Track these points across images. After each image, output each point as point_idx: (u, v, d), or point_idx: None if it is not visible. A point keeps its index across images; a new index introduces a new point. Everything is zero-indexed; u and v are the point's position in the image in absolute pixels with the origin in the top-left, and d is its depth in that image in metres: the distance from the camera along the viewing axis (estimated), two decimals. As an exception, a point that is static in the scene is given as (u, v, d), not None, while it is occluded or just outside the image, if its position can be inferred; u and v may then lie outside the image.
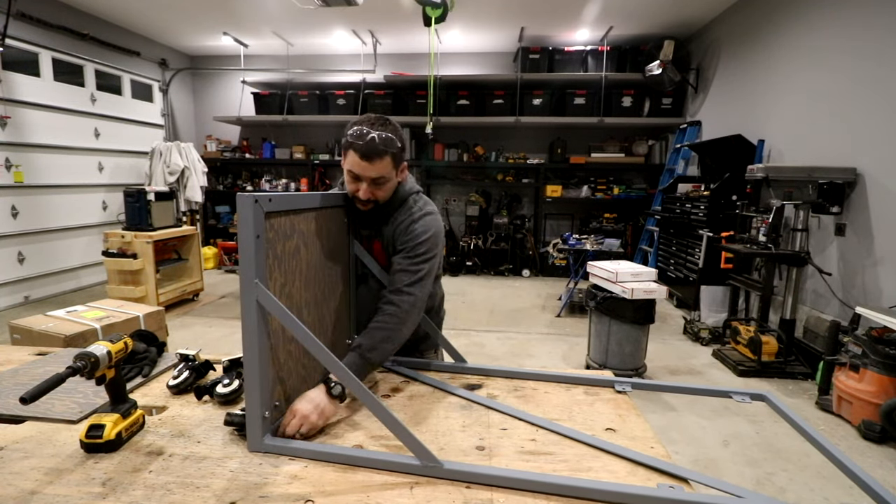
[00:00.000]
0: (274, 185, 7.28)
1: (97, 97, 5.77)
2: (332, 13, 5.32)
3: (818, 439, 0.99)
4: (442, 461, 0.89)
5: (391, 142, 1.30)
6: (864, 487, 0.86)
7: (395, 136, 1.32)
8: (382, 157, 1.29)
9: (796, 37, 4.01)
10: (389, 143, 1.30)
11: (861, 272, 3.25)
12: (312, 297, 1.17)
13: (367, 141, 1.26)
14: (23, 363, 1.38)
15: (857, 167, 3.27)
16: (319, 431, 1.04)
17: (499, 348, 4.00)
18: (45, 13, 5.00)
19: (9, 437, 1.00)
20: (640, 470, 0.91)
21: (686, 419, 2.81)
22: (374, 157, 1.27)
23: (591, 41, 6.33)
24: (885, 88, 3.10)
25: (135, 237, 4.44)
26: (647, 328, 3.34)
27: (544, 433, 1.04)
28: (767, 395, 1.19)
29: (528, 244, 6.97)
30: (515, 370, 1.33)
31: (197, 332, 4.32)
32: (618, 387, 1.25)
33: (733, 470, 2.32)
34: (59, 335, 2.44)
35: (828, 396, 2.92)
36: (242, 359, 0.95)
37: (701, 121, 5.72)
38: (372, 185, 1.33)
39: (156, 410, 1.13)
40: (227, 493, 0.83)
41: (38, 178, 5.05)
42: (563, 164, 6.79)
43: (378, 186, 1.34)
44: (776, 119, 4.22)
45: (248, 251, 0.91)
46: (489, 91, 6.50)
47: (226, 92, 7.49)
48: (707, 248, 4.34)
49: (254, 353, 0.93)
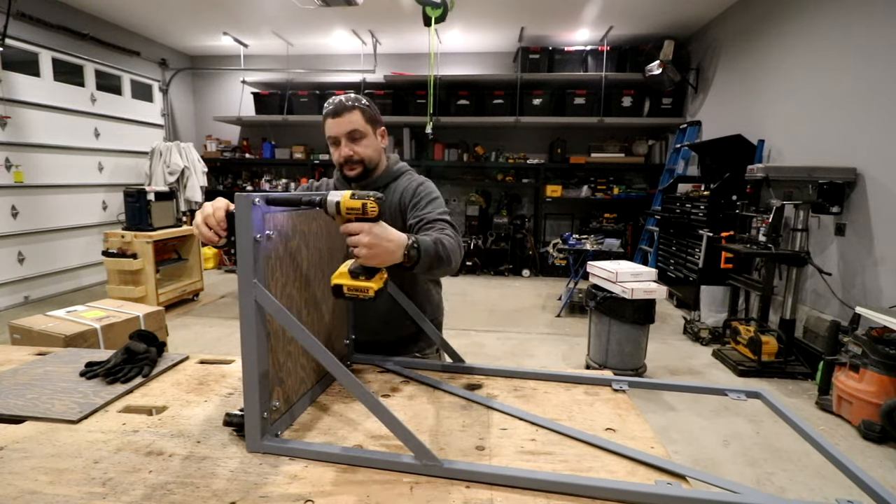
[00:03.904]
0: (274, 185, 7.28)
1: (97, 97, 5.77)
2: (332, 13, 5.33)
3: (813, 436, 0.99)
4: (442, 461, 0.89)
5: (358, 99, 1.40)
6: (862, 487, 0.86)
7: (364, 98, 1.42)
8: (351, 110, 1.38)
9: (796, 37, 4.01)
10: (357, 101, 1.39)
11: (861, 272, 3.25)
12: (312, 297, 1.17)
13: (336, 102, 1.39)
14: (23, 363, 1.38)
15: (857, 167, 3.27)
16: (319, 431, 1.04)
17: (499, 348, 4.00)
18: (45, 13, 5.01)
19: (9, 437, 1.00)
20: (640, 469, 0.91)
21: (686, 419, 2.81)
22: (344, 112, 1.37)
23: (591, 41, 6.33)
24: (886, 88, 3.10)
25: (135, 237, 4.44)
26: (647, 328, 3.34)
27: (544, 433, 1.04)
28: (762, 393, 1.19)
29: (528, 244, 6.97)
30: (515, 370, 1.33)
31: (197, 332, 4.32)
32: (615, 385, 1.25)
33: (733, 470, 2.32)
34: (59, 335, 2.44)
35: (828, 396, 2.92)
36: (241, 359, 0.95)
37: (701, 121, 5.72)
38: (349, 141, 1.40)
39: (156, 410, 1.13)
40: (227, 493, 0.83)
41: (38, 178, 5.06)
42: (563, 164, 6.79)
43: (355, 142, 1.40)
44: (776, 119, 4.22)
45: (247, 251, 0.91)
46: (489, 91, 6.50)
47: (226, 92, 7.49)
48: (707, 248, 4.34)
49: (252, 354, 0.93)
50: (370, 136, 1.43)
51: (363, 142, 1.41)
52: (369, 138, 1.42)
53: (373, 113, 1.43)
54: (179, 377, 1.32)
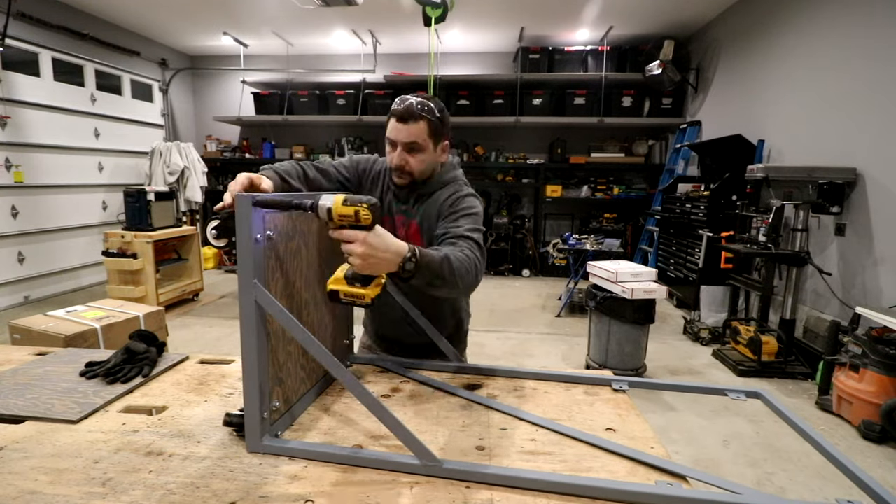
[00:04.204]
0: (274, 185, 7.27)
1: (97, 97, 5.77)
2: (332, 13, 5.33)
3: (813, 436, 0.99)
4: (442, 461, 0.89)
5: (430, 109, 1.30)
6: (862, 487, 0.86)
7: (435, 107, 1.32)
8: (417, 120, 1.29)
9: (796, 37, 4.01)
10: (427, 110, 1.30)
11: (861, 272, 3.25)
12: (312, 297, 1.17)
13: (405, 104, 1.29)
14: (23, 363, 1.38)
15: (857, 167, 3.27)
16: (319, 432, 1.04)
17: (499, 348, 4.00)
18: (45, 13, 5.01)
19: (9, 437, 1.00)
20: (641, 469, 0.91)
21: (686, 419, 2.81)
22: (409, 119, 1.28)
23: (591, 41, 6.33)
24: (885, 88, 3.10)
25: (135, 237, 4.44)
26: (647, 328, 3.34)
27: (544, 433, 1.04)
28: (762, 393, 1.20)
29: (528, 244, 6.97)
30: (515, 370, 1.33)
31: (197, 332, 4.32)
32: (615, 385, 1.25)
33: (734, 470, 2.32)
34: (59, 335, 2.44)
35: (828, 396, 2.92)
36: (241, 359, 0.95)
37: (701, 121, 5.72)
38: (405, 150, 1.32)
39: (156, 410, 1.13)
40: (227, 493, 0.83)
41: (38, 178, 5.06)
42: (563, 164, 6.79)
43: (411, 153, 1.32)
44: (776, 119, 4.22)
45: (246, 251, 0.91)
46: (489, 91, 6.50)
47: (226, 92, 7.50)
48: (707, 248, 4.34)
49: (252, 354, 0.93)
50: (429, 150, 1.34)
51: (419, 155, 1.33)
52: (427, 152, 1.34)
53: (440, 125, 1.34)
54: (179, 377, 1.32)
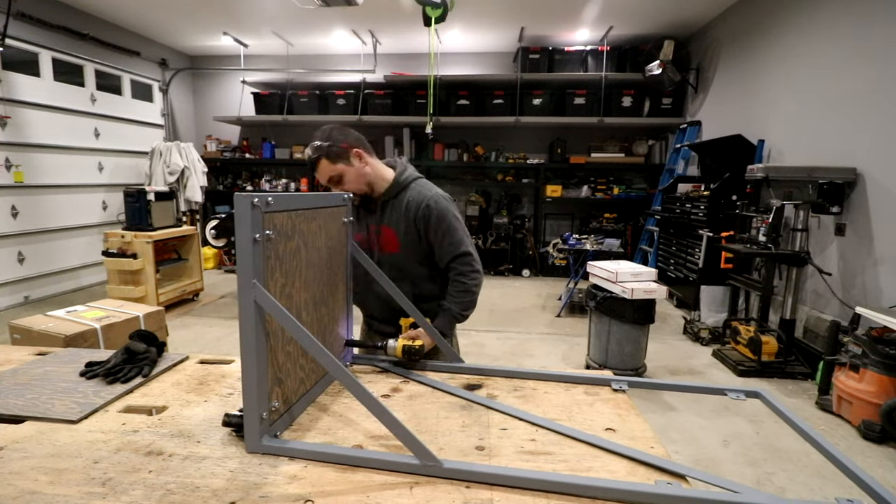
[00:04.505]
0: (274, 185, 7.28)
1: (97, 97, 5.77)
2: (332, 13, 5.33)
3: (813, 436, 0.99)
4: (442, 461, 0.89)
5: (318, 147, 1.47)
6: (863, 486, 0.86)
7: (322, 140, 1.47)
8: (317, 163, 1.48)
9: (796, 37, 4.01)
10: (316, 149, 1.47)
11: (861, 272, 3.25)
12: (311, 297, 1.17)
13: (308, 158, 1.50)
14: (23, 363, 1.38)
15: (857, 167, 3.27)
16: (319, 432, 1.04)
17: (499, 348, 4.00)
18: (45, 13, 5.01)
19: (9, 437, 1.00)
20: (640, 469, 0.91)
21: (686, 419, 2.81)
22: (314, 166, 1.49)
23: (591, 41, 6.33)
24: (885, 88, 3.10)
25: (135, 237, 4.44)
26: (647, 328, 3.34)
27: (544, 433, 1.04)
28: (762, 393, 1.20)
29: (528, 244, 6.97)
30: (515, 370, 1.33)
31: (197, 332, 4.32)
32: (615, 385, 1.25)
33: (733, 470, 2.32)
34: (59, 335, 2.44)
35: (828, 396, 2.92)
36: (240, 359, 0.95)
37: (701, 121, 5.72)
38: (334, 185, 1.50)
39: (156, 410, 1.13)
40: (227, 493, 0.83)
41: (38, 178, 5.06)
42: (563, 164, 6.79)
43: (339, 185, 1.50)
44: (776, 119, 4.22)
45: (246, 251, 0.91)
46: (489, 91, 6.50)
47: (226, 92, 7.49)
48: (707, 248, 4.34)
49: (252, 354, 0.93)
50: (347, 172, 1.49)
51: (344, 179, 1.49)
52: (348, 174, 1.49)
53: (335, 149, 1.47)
54: (179, 377, 1.32)
